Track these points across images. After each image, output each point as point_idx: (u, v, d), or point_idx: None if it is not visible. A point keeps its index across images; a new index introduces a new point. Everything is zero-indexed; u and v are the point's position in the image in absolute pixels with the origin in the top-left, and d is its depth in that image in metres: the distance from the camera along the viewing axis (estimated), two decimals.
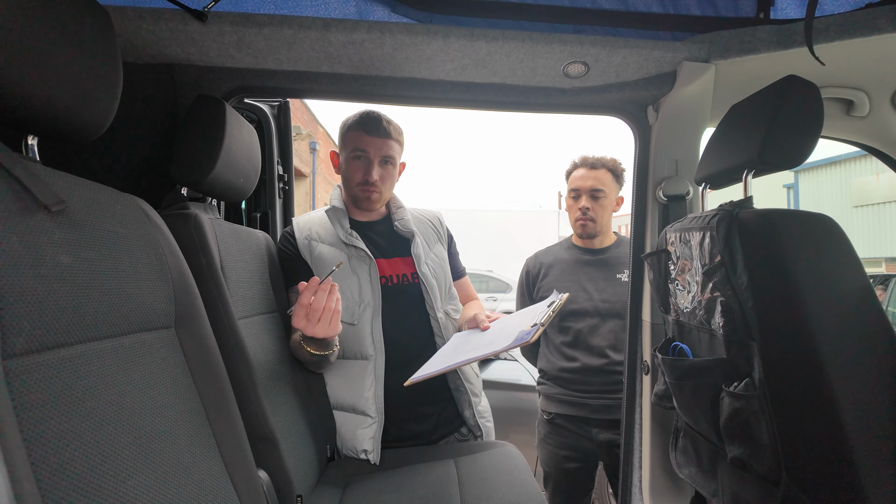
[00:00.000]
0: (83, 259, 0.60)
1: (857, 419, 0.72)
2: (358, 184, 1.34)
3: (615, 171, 1.76)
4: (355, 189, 1.35)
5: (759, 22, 1.13)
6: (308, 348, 1.13)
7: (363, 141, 1.32)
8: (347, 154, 1.35)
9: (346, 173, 1.36)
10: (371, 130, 1.32)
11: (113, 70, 0.73)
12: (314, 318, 1.04)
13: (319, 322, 1.04)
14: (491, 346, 1.13)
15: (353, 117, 1.36)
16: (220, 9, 1.04)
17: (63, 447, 0.51)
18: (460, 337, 1.32)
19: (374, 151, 1.32)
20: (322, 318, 1.04)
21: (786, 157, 0.88)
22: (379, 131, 1.32)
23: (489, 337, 1.21)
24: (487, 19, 1.13)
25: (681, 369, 1.02)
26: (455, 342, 1.29)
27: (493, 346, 1.13)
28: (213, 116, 1.03)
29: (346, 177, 1.37)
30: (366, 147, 1.32)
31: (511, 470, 1.19)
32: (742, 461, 0.87)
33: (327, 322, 1.05)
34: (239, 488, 0.79)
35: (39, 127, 0.64)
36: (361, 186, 1.34)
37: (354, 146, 1.32)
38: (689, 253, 1.02)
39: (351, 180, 1.35)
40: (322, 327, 1.05)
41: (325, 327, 1.05)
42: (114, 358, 0.62)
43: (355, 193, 1.36)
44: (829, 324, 0.74)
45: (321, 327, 1.05)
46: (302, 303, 1.03)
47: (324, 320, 1.05)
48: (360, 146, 1.32)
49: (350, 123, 1.35)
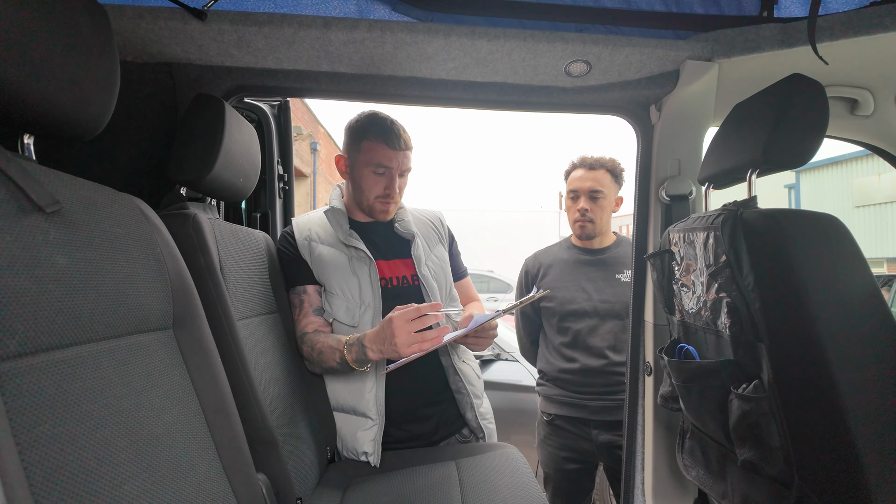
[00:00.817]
0: (79, 260, 0.59)
1: (864, 420, 0.71)
2: (378, 197, 1.31)
3: (614, 171, 1.75)
4: (373, 201, 1.32)
5: (763, 20, 1.12)
6: (350, 361, 1.16)
7: (387, 156, 1.28)
8: (367, 167, 1.30)
9: (365, 184, 1.31)
10: (393, 144, 1.28)
11: (110, 68, 0.72)
12: (425, 345, 1.07)
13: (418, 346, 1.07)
14: (457, 331, 1.18)
15: (368, 123, 1.30)
16: (220, 7, 1.04)
17: (57, 451, 0.50)
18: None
19: (397, 166, 1.29)
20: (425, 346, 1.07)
21: (791, 156, 0.87)
22: (400, 144, 1.29)
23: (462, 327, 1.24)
24: (489, 18, 1.12)
25: (688, 371, 1.01)
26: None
27: (459, 330, 1.18)
28: (212, 115, 1.03)
29: (364, 188, 1.32)
30: (390, 163, 1.28)
31: (512, 472, 1.18)
32: (753, 464, 0.86)
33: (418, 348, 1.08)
34: (238, 491, 0.78)
35: (36, 126, 0.63)
36: (381, 199, 1.32)
37: (378, 162, 1.28)
38: (694, 253, 1.01)
39: (369, 192, 1.31)
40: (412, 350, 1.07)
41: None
42: (110, 360, 0.61)
43: (373, 205, 1.33)
44: (836, 324, 0.74)
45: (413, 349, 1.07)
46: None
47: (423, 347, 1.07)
48: (385, 162, 1.28)
49: (367, 133, 1.29)
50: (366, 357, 1.13)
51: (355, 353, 1.15)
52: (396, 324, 1.06)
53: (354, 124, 1.32)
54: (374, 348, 1.11)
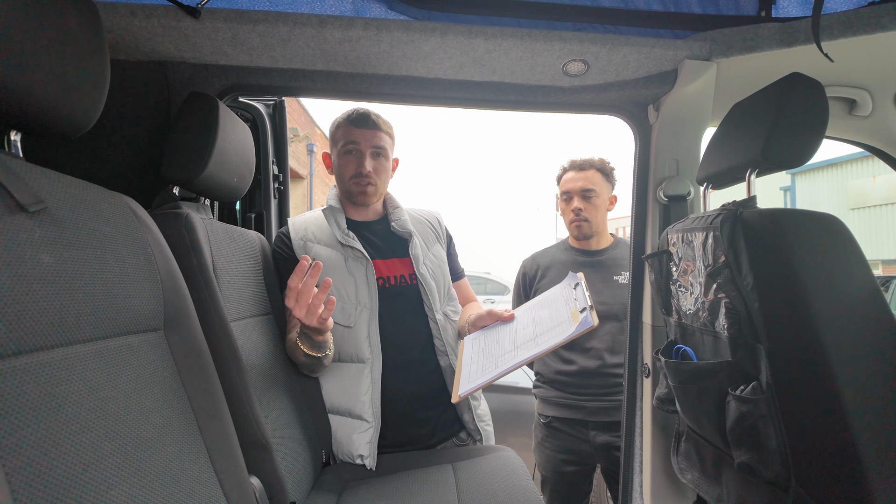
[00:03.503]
0: (66, 259, 0.58)
1: (866, 423, 0.70)
2: (351, 177, 1.32)
3: (604, 170, 1.76)
4: (349, 183, 1.33)
5: (761, 20, 1.12)
6: (302, 347, 1.12)
7: (353, 134, 1.31)
8: (339, 150, 1.33)
9: (339, 169, 1.35)
10: (360, 124, 1.31)
11: (100, 65, 0.70)
12: (303, 301, 1.00)
13: (307, 306, 1.01)
14: (546, 340, 1.07)
15: (342, 116, 1.35)
16: (214, 5, 1.02)
17: (41, 456, 0.48)
18: (482, 338, 1.27)
19: (365, 143, 1.31)
20: (312, 304, 1.01)
21: (791, 155, 0.86)
22: (368, 124, 1.31)
23: (528, 332, 1.17)
24: (486, 17, 1.11)
25: (685, 373, 1.00)
26: (480, 345, 1.24)
27: (547, 338, 1.07)
28: (206, 114, 1.01)
29: (339, 173, 1.35)
30: (356, 139, 1.31)
31: (510, 475, 1.16)
32: (749, 467, 0.85)
33: (308, 307, 1.01)
34: (230, 496, 0.76)
35: (22, 122, 0.62)
36: (355, 179, 1.32)
37: (346, 140, 1.32)
38: (692, 254, 1.00)
39: (344, 175, 1.33)
40: (303, 313, 1.01)
41: (306, 314, 1.01)
42: (98, 362, 0.60)
43: (349, 188, 1.34)
44: (836, 325, 0.73)
45: (306, 313, 1.01)
46: (290, 286, 1.00)
47: (311, 307, 1.01)
48: (351, 138, 1.31)
49: (339, 121, 1.35)
50: (296, 335, 1.13)
51: (296, 336, 1.14)
52: (290, 285, 1.01)
53: (333, 122, 1.38)
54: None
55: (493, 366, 1.10)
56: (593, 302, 1.09)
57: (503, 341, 1.20)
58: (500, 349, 1.17)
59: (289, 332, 1.22)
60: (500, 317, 1.29)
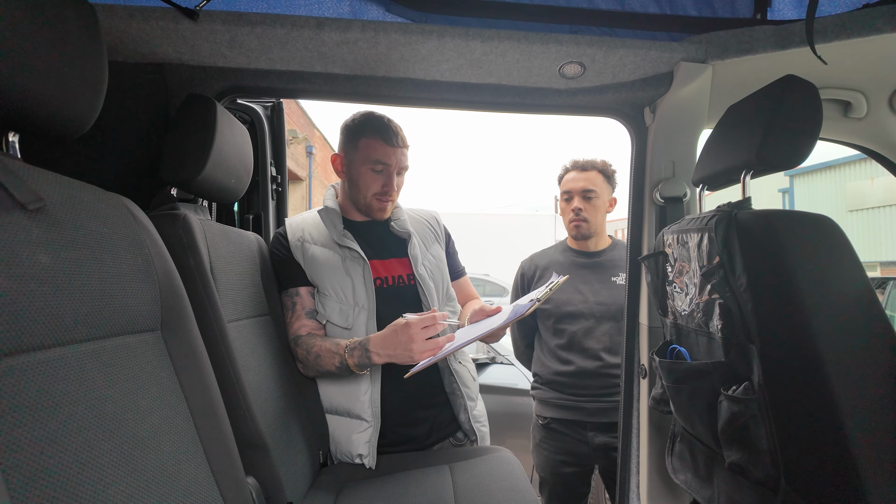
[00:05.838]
0: (63, 259, 0.58)
1: (859, 424, 0.70)
2: (375, 194, 1.31)
3: (605, 172, 1.77)
4: (371, 199, 1.32)
5: (757, 22, 1.13)
6: (350, 361, 1.16)
7: (385, 152, 1.28)
8: (365, 165, 1.30)
9: (363, 182, 1.31)
10: (391, 141, 1.29)
11: (98, 66, 0.71)
12: (437, 351, 1.10)
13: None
14: (487, 326, 1.12)
15: (366, 122, 1.31)
16: (212, 7, 1.03)
17: (37, 455, 0.49)
18: (462, 330, 1.29)
19: (395, 163, 1.30)
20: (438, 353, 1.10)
21: (785, 156, 0.87)
22: (398, 142, 1.30)
23: (490, 321, 1.20)
24: (483, 19, 1.12)
25: (678, 372, 1.00)
26: (457, 335, 1.27)
27: (488, 324, 1.12)
28: (204, 115, 1.02)
29: (361, 186, 1.32)
30: (388, 160, 1.29)
31: (507, 476, 1.17)
32: (740, 466, 0.85)
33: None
34: (226, 496, 0.77)
35: (20, 123, 0.62)
36: (379, 197, 1.31)
37: (376, 158, 1.28)
38: (687, 255, 1.00)
39: (366, 190, 1.31)
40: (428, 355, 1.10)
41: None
42: (94, 362, 0.60)
43: (370, 203, 1.33)
44: (829, 326, 0.73)
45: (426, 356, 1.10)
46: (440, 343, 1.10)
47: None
48: (383, 159, 1.28)
49: (365, 130, 1.30)
50: (369, 361, 1.14)
51: (357, 357, 1.15)
52: (414, 330, 1.09)
53: (351, 123, 1.33)
54: (380, 353, 1.13)
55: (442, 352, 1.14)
56: (544, 297, 1.12)
57: (472, 329, 1.21)
58: (461, 337, 1.19)
59: (324, 342, 1.22)
60: (489, 312, 1.29)
